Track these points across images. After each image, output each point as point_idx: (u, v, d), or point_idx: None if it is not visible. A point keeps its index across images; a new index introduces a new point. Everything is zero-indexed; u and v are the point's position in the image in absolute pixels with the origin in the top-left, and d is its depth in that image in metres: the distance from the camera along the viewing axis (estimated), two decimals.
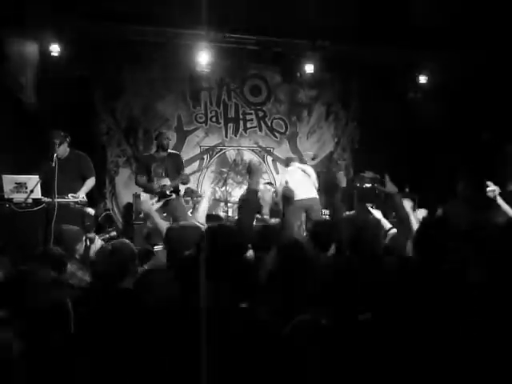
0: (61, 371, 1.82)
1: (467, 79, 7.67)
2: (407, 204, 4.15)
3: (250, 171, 6.24)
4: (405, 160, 8.43)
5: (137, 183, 6.36)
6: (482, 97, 7.65)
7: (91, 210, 5.20)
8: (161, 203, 6.10)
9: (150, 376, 1.89)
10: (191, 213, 7.33)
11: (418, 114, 8.29)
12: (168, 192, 6.11)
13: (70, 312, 1.99)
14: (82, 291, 3.07)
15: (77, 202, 4.96)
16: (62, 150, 5.21)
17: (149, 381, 1.91)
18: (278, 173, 9.01)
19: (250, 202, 5.89)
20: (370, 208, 5.15)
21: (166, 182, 6.16)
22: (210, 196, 4.17)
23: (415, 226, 3.34)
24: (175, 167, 6.30)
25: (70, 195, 4.97)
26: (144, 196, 6.25)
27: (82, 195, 5.10)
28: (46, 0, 6.46)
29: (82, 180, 5.36)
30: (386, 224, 3.96)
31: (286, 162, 7.11)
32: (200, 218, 3.53)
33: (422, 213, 4.96)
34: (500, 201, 4.14)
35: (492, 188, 4.18)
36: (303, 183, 6.64)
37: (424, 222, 2.93)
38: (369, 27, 6.91)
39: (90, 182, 5.42)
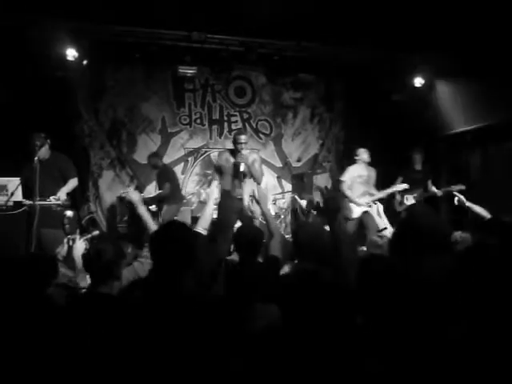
0: None
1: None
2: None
3: (220, 171, 5.87)
4: (390, 161, 8.44)
5: None
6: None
7: (70, 213, 5.12)
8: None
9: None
10: (175, 216, 7.28)
11: (403, 115, 8.32)
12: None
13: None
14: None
15: (59, 205, 4.89)
16: (44, 152, 5.15)
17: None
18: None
19: (227, 205, 5.67)
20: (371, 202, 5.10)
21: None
22: (215, 200, 4.04)
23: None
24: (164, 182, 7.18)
25: (51, 198, 4.89)
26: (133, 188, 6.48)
27: (62, 196, 5.04)
28: None
29: (63, 182, 5.29)
30: (380, 223, 3.71)
31: None
32: (205, 223, 3.40)
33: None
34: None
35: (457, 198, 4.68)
36: None
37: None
38: (352, 28, 6.91)
39: (72, 183, 5.36)
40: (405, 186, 6.98)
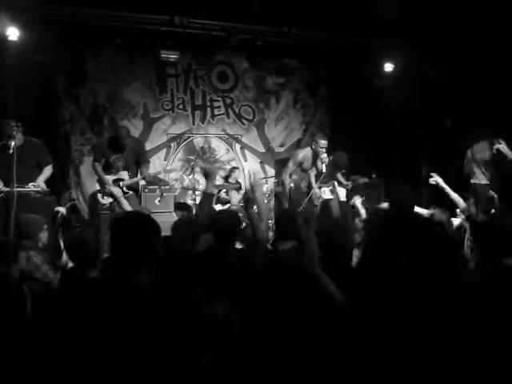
0: None
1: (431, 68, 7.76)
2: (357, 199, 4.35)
3: (207, 175, 6.24)
4: (372, 146, 8.49)
5: (94, 168, 6.47)
6: (446, 85, 7.76)
7: (63, 209, 5.07)
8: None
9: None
10: (158, 201, 7.25)
11: (384, 101, 8.36)
12: (125, 189, 6.23)
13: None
14: None
15: (38, 192, 4.84)
16: (16, 139, 5.03)
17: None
18: (246, 160, 8.98)
19: (204, 207, 5.92)
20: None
21: (124, 176, 6.34)
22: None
23: None
24: (135, 159, 6.43)
25: (30, 184, 4.85)
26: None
27: (41, 184, 4.98)
28: None
29: (38, 168, 5.22)
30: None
31: None
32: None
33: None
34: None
35: (434, 178, 4.75)
36: None
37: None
38: (333, 13, 6.90)
39: (48, 170, 5.28)
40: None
